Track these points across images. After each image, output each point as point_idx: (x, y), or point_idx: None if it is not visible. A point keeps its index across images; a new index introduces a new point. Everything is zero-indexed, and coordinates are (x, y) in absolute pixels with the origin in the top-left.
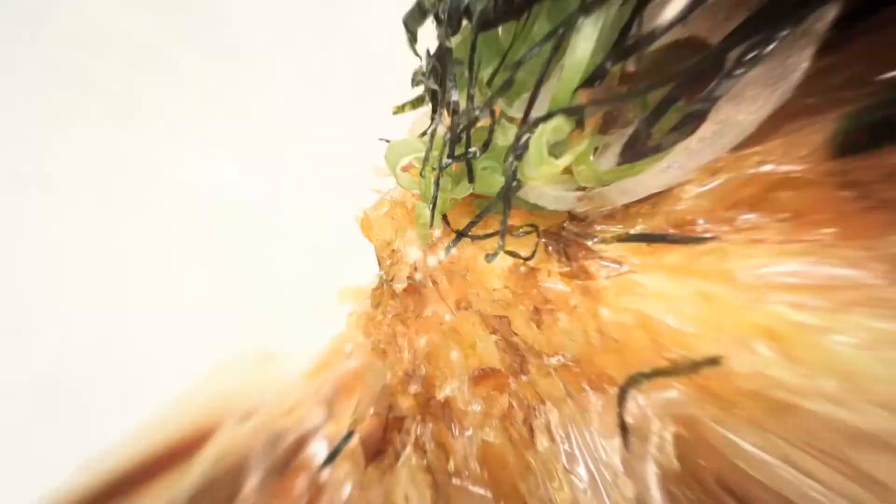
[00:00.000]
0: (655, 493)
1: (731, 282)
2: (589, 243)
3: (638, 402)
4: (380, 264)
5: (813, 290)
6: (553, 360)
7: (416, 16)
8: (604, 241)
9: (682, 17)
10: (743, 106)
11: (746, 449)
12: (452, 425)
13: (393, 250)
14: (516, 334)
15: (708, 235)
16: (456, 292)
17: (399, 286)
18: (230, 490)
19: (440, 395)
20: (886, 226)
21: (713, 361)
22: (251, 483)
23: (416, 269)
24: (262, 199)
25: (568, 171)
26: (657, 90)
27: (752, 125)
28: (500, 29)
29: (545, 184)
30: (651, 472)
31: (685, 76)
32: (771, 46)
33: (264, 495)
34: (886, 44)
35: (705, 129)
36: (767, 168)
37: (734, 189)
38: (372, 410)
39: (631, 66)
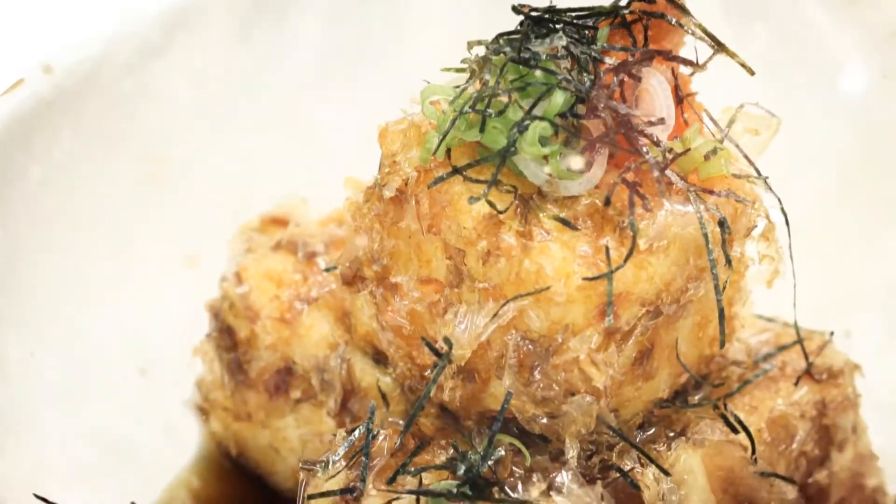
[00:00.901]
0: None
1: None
2: (541, 215)
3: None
4: (379, 169)
5: None
6: (481, 285)
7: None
8: (547, 216)
9: None
10: None
11: None
12: (396, 296)
13: (394, 161)
14: (465, 265)
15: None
16: (431, 217)
17: (388, 193)
18: None
19: (392, 280)
20: None
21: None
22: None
23: (406, 183)
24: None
25: (546, 159)
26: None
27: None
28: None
29: (531, 159)
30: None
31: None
32: None
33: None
34: None
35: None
36: None
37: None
38: (348, 264)
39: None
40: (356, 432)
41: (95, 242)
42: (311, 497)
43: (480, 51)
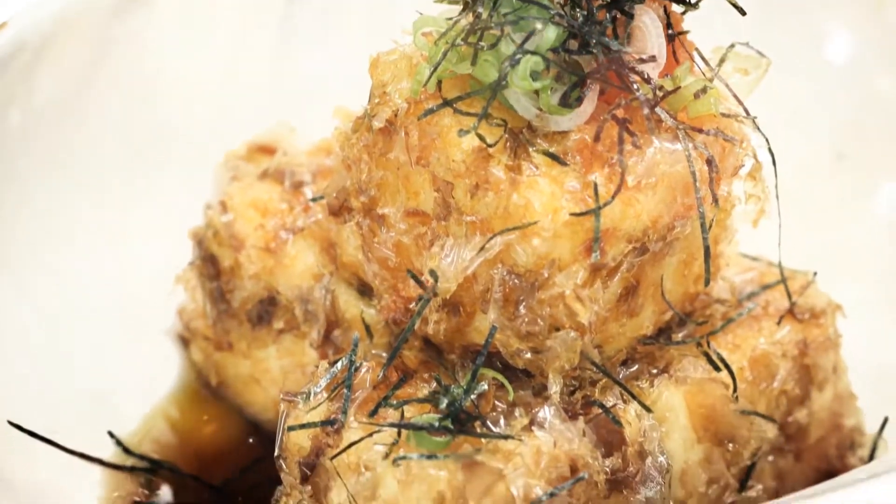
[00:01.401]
0: None
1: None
2: (530, 149)
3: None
4: (369, 99)
5: None
6: (468, 219)
7: None
8: (537, 151)
9: None
10: None
11: None
12: (382, 227)
13: (384, 92)
14: (453, 198)
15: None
16: (420, 149)
17: (377, 124)
18: None
19: (379, 211)
20: None
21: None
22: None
23: (395, 115)
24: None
25: (537, 93)
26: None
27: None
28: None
29: (522, 93)
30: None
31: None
32: None
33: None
34: None
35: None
36: None
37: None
38: (335, 195)
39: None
40: (338, 364)
41: (75, 184)
42: (291, 429)
43: None
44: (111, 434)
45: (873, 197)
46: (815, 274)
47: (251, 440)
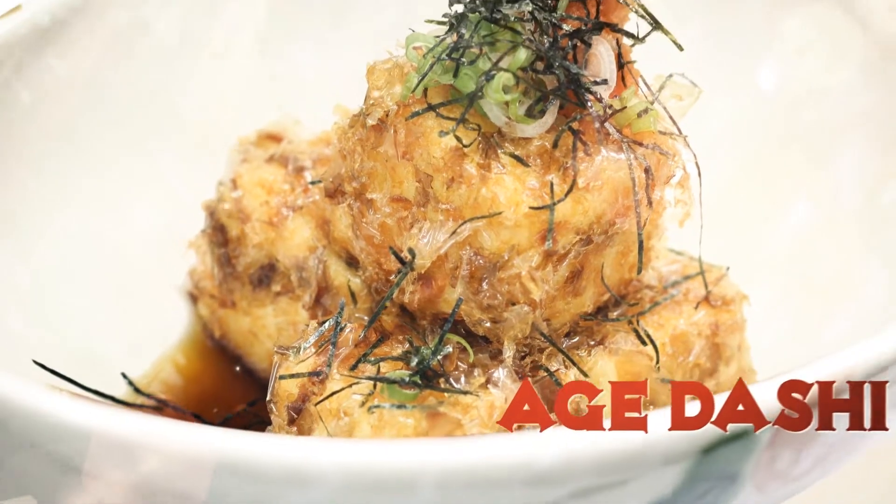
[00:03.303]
0: None
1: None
2: (499, 151)
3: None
4: (364, 100)
5: None
6: (444, 207)
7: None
8: (504, 152)
9: None
10: None
11: None
12: (370, 210)
13: (378, 95)
14: (432, 188)
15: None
16: (406, 146)
17: (370, 121)
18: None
19: (368, 196)
20: None
21: (497, 214)
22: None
23: (386, 115)
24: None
25: (507, 104)
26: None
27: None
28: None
29: (495, 103)
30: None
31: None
32: None
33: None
34: None
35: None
36: None
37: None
38: (331, 179)
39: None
40: (326, 324)
41: (86, 162)
42: (282, 377)
43: (459, 8)
44: (124, 375)
45: (787, 213)
46: (728, 269)
47: (247, 386)
